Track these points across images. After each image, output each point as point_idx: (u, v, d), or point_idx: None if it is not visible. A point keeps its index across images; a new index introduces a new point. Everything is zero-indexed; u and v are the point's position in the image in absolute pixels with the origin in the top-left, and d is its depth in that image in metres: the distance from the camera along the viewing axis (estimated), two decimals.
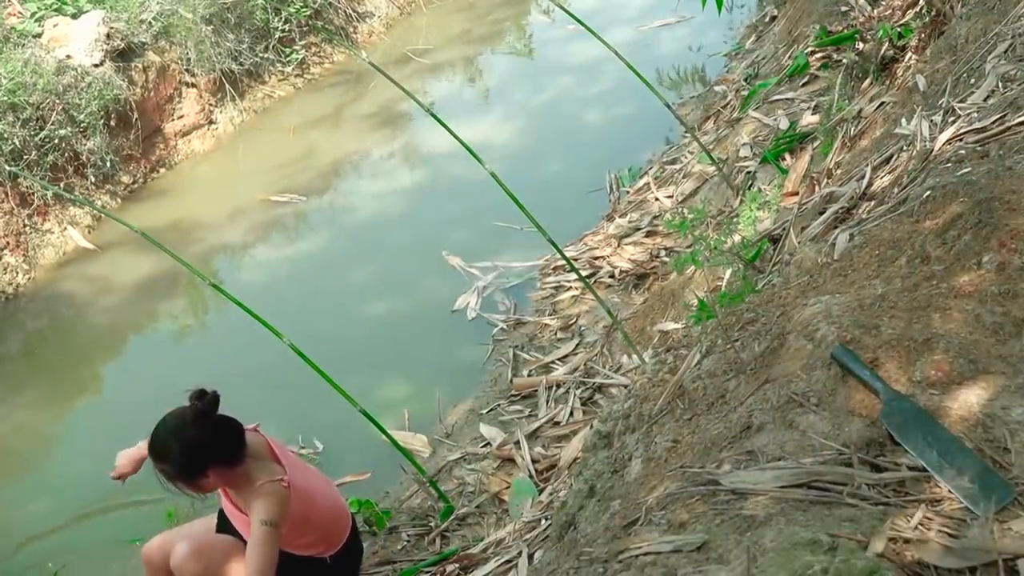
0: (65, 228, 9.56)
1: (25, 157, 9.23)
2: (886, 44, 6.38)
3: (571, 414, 6.07)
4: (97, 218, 9.75)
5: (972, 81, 4.61)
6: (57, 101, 9.60)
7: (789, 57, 8.53)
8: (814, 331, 2.96)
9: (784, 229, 5.39)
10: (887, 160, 4.81)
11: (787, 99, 7.85)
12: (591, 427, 4.62)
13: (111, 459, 4.57)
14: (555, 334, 7.13)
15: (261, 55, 12.18)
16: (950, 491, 2.29)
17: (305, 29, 12.86)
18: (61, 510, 6.20)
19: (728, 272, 5.49)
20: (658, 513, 2.60)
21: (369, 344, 7.54)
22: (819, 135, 6.50)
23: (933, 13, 5.82)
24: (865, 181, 4.77)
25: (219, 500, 4.44)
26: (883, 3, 7.07)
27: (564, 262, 6.73)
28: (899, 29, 6.28)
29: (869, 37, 6.75)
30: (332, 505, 4.52)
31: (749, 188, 6.94)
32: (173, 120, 11.19)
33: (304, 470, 4.45)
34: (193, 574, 4.34)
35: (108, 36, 10.21)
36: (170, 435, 4.07)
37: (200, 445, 4.05)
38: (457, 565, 4.74)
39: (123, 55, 10.55)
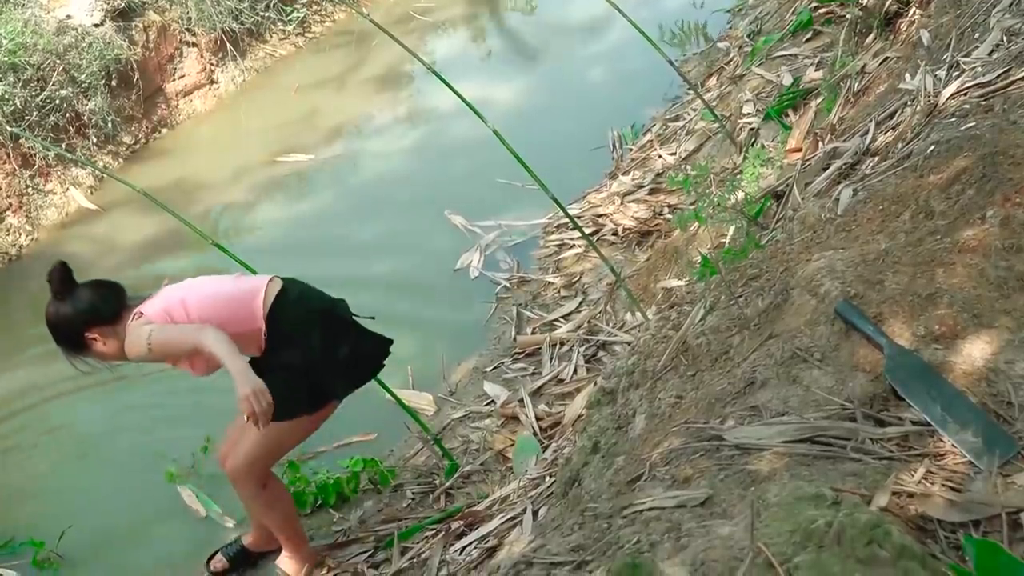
0: (67, 189, 9.55)
1: (26, 118, 9.21)
2: None
3: (575, 371, 6.07)
4: (99, 178, 9.73)
5: (976, 35, 4.58)
6: (58, 61, 9.57)
7: (792, 13, 8.49)
8: (818, 286, 2.95)
9: (787, 185, 5.38)
10: (891, 115, 4.79)
11: (790, 55, 7.81)
12: (595, 384, 4.63)
13: (115, 417, 4.63)
14: (558, 292, 7.12)
15: (262, 14, 12.12)
16: (953, 445, 2.29)
17: None
18: (67, 467, 6.22)
19: (731, 229, 5.48)
20: (662, 469, 2.61)
21: (372, 303, 7.50)
22: (823, 91, 6.47)
23: None
24: (869, 137, 4.75)
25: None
26: None
27: (567, 220, 6.72)
28: None
29: None
30: (220, 300, 4.43)
31: (752, 145, 6.91)
32: (174, 80, 11.15)
33: (182, 300, 4.36)
34: (239, 480, 4.66)
35: None
36: (47, 322, 4.39)
37: (61, 317, 4.33)
38: (462, 522, 4.76)
39: (123, 14, 10.51)
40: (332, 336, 4.57)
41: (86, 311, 4.31)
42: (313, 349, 4.47)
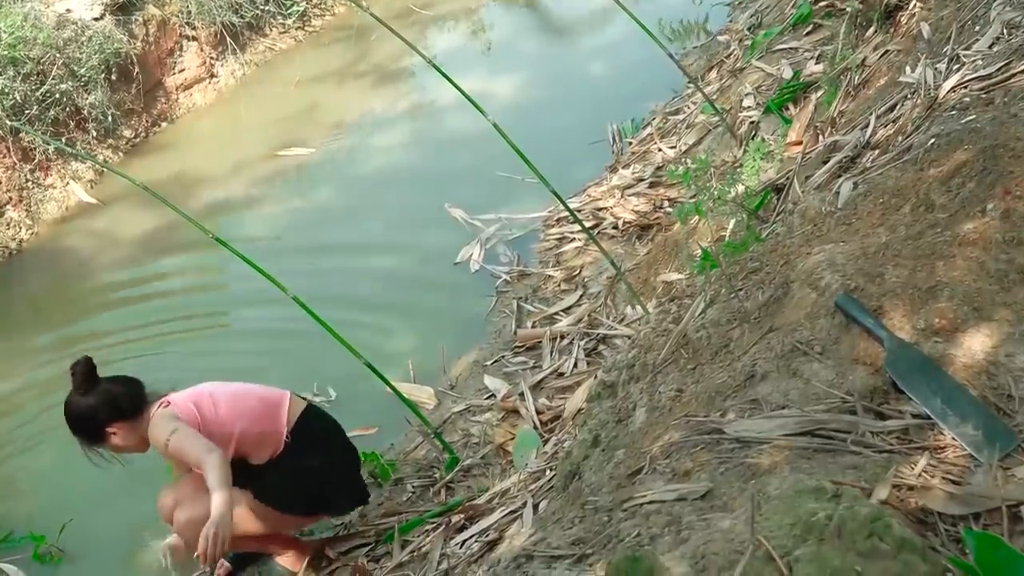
0: (67, 183, 9.55)
1: (26, 112, 9.21)
2: None
3: (575, 365, 6.07)
4: (99, 172, 9.74)
5: (977, 28, 4.58)
6: (57, 55, 9.57)
7: (792, 6, 8.48)
8: (818, 280, 2.95)
9: (788, 179, 5.38)
10: (891, 108, 4.79)
11: (791, 48, 7.81)
12: (595, 378, 4.63)
13: None
14: (559, 285, 7.12)
15: (262, 7, 12.12)
16: (954, 438, 2.29)
17: None
18: (67, 466, 6.22)
19: (732, 222, 5.47)
20: (662, 462, 2.61)
21: (373, 297, 7.54)
22: (823, 84, 6.47)
23: None
24: (869, 130, 4.75)
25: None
26: None
27: (567, 213, 6.71)
28: None
29: None
30: (250, 402, 4.67)
31: (753, 138, 6.91)
32: (174, 74, 11.15)
33: (211, 394, 4.61)
34: (180, 528, 4.67)
35: None
36: (66, 412, 4.53)
37: (85, 410, 4.47)
38: (462, 516, 4.76)
39: (123, 8, 10.51)
40: (348, 457, 4.96)
41: (110, 406, 4.47)
42: (332, 461, 4.80)
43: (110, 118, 10.01)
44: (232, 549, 4.99)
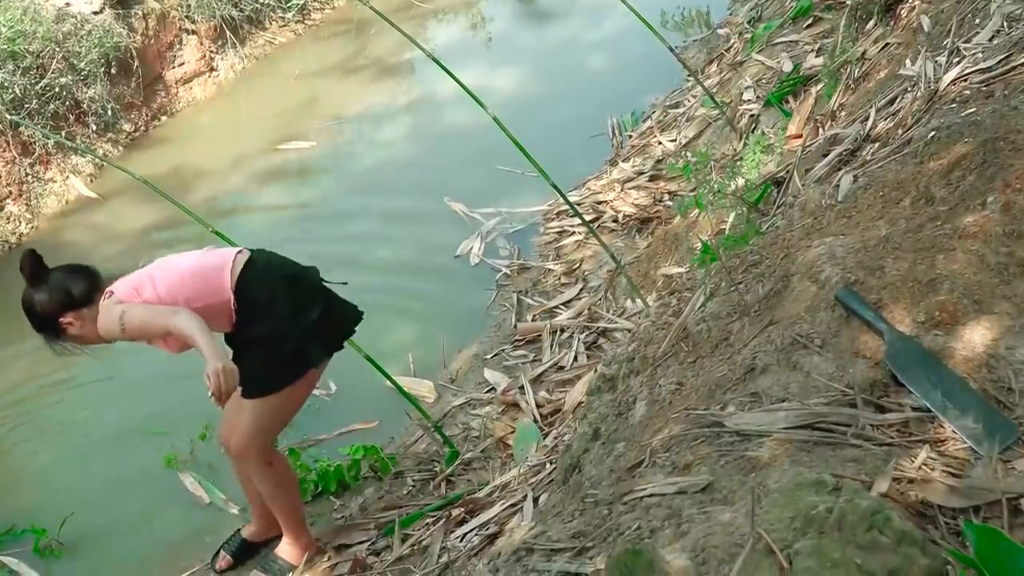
0: (67, 177, 9.54)
1: (26, 106, 9.20)
2: None
3: (575, 359, 6.07)
4: (99, 167, 9.73)
5: (977, 21, 4.58)
6: (57, 49, 9.56)
7: None
8: (818, 273, 2.95)
9: (788, 172, 5.38)
10: (891, 101, 4.79)
11: (791, 41, 7.81)
12: (595, 371, 4.63)
13: (115, 404, 4.66)
14: (559, 279, 7.12)
15: (261, 1, 12.10)
16: (954, 431, 2.29)
17: None
18: (68, 455, 6.23)
19: (732, 215, 5.47)
20: (663, 455, 2.61)
21: (373, 290, 7.52)
22: (823, 77, 6.46)
23: None
24: (869, 123, 4.75)
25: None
26: None
27: (567, 207, 6.72)
28: None
29: None
30: (186, 273, 4.45)
31: (753, 131, 6.91)
32: (174, 67, 11.14)
33: (150, 276, 4.43)
34: (244, 458, 4.71)
35: None
36: (23, 306, 4.48)
37: (36, 303, 4.41)
38: (463, 509, 4.76)
39: (122, 2, 10.50)
40: (300, 302, 4.56)
41: (59, 296, 4.37)
42: (282, 317, 4.46)
43: (110, 112, 10.00)
44: (276, 497, 4.85)
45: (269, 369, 4.46)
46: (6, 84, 9.02)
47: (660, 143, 8.29)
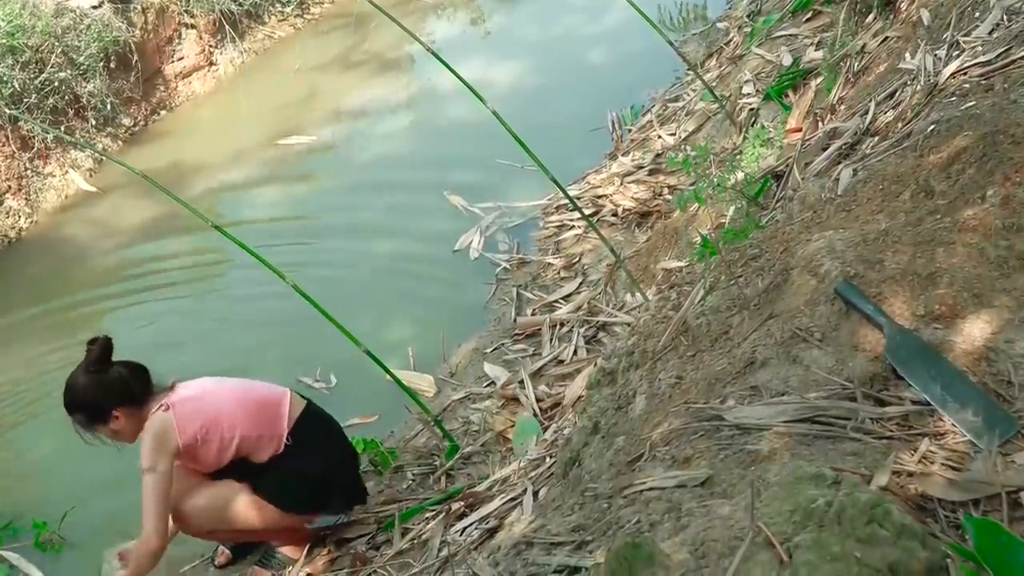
0: (67, 171, 9.54)
1: (25, 100, 9.20)
2: None
3: (575, 352, 6.07)
4: (98, 161, 9.73)
5: (977, 14, 4.57)
6: (56, 43, 9.55)
7: None
8: (818, 266, 2.95)
9: (787, 165, 5.37)
10: (891, 95, 4.79)
11: (790, 35, 7.79)
12: (595, 365, 4.63)
13: None
14: (558, 273, 7.12)
15: None
16: (954, 425, 2.29)
17: None
18: (66, 453, 6.22)
19: (731, 209, 5.47)
20: (662, 449, 2.61)
21: (373, 284, 7.55)
22: (823, 71, 6.45)
23: None
24: (869, 116, 4.74)
25: None
26: None
27: (567, 201, 6.71)
28: None
29: None
30: (249, 406, 4.66)
31: (752, 125, 6.91)
32: (173, 62, 11.14)
33: (211, 391, 4.66)
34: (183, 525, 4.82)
35: None
36: (72, 387, 4.49)
37: (96, 389, 4.44)
38: (462, 503, 4.76)
39: None
40: (345, 457, 4.97)
41: (122, 389, 4.46)
42: (331, 462, 4.81)
43: (109, 106, 10.00)
44: (232, 540, 5.05)
45: (296, 490, 4.74)
46: (5, 79, 9.02)
47: (660, 137, 8.29)
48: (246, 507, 4.66)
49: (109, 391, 4.43)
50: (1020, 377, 2.35)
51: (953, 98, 3.78)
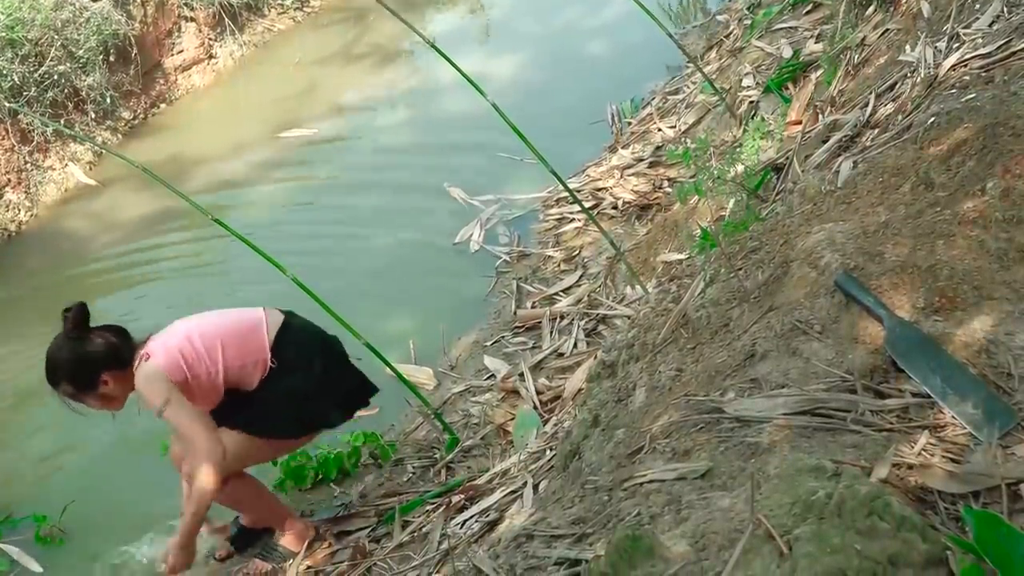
0: (66, 165, 9.54)
1: (24, 94, 9.20)
2: None
3: (575, 345, 6.07)
4: (98, 154, 9.73)
5: (977, 7, 4.56)
6: (56, 37, 9.55)
7: None
8: (818, 259, 2.95)
9: (787, 158, 5.38)
10: (891, 87, 4.78)
11: (790, 28, 7.79)
12: (595, 358, 4.63)
13: None
14: (558, 266, 7.12)
15: None
16: (954, 417, 2.29)
17: None
18: (68, 446, 6.23)
19: (731, 202, 5.47)
20: (662, 441, 2.61)
21: (373, 277, 7.54)
22: (823, 63, 6.45)
23: None
24: (869, 109, 4.74)
25: None
26: None
27: (567, 194, 6.71)
28: None
29: None
30: (227, 338, 4.52)
31: (752, 118, 6.90)
32: (173, 55, 11.14)
33: (185, 331, 4.49)
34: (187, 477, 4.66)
35: None
36: (53, 357, 4.36)
37: (83, 356, 4.33)
38: (463, 496, 4.76)
39: None
40: (332, 367, 4.75)
41: (107, 352, 4.36)
42: (315, 376, 4.61)
43: (108, 100, 10.00)
44: (241, 510, 5.03)
45: (285, 416, 4.61)
46: (4, 72, 9.02)
47: (659, 130, 8.29)
48: (243, 448, 4.54)
49: (95, 357, 4.33)
50: (1020, 369, 2.35)
51: (953, 90, 3.78)
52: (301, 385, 4.55)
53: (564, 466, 3.58)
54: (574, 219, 7.57)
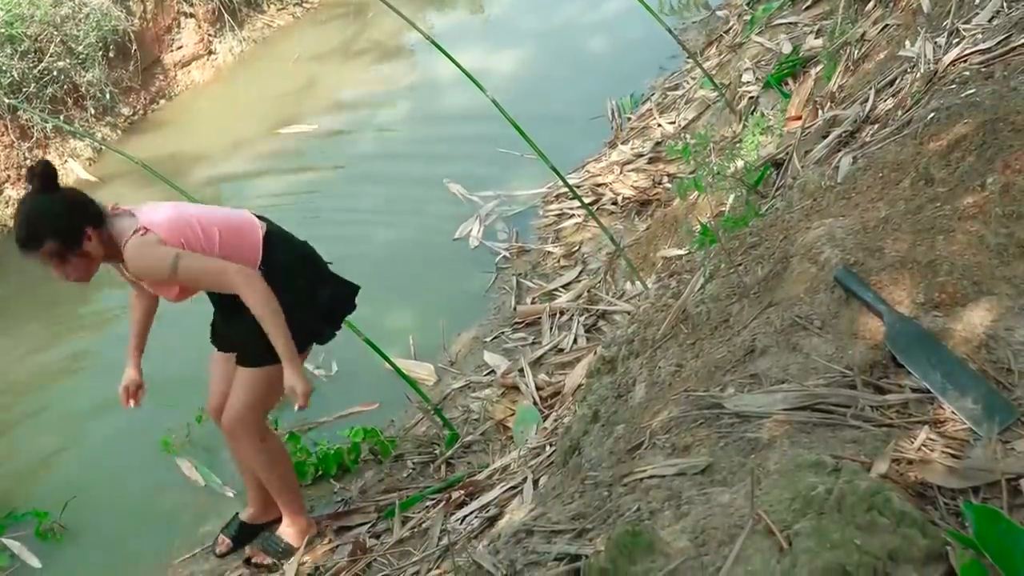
0: (66, 161, 9.54)
1: (24, 90, 9.20)
2: None
3: (575, 341, 6.08)
4: (98, 150, 9.73)
5: (977, 2, 4.56)
6: (55, 33, 9.55)
7: None
8: (818, 254, 2.95)
9: (787, 153, 5.37)
10: (891, 83, 4.79)
11: (790, 23, 7.79)
12: (595, 353, 4.63)
13: (114, 390, 4.65)
14: (558, 261, 7.13)
15: None
16: (953, 412, 2.29)
17: None
18: (66, 442, 6.23)
19: (731, 197, 5.47)
20: (662, 437, 2.61)
21: (372, 273, 7.50)
22: (822, 59, 6.45)
23: None
24: (869, 104, 4.74)
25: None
26: None
27: (567, 189, 6.71)
28: None
29: None
30: (229, 241, 4.37)
31: (752, 113, 6.90)
32: (172, 51, 11.13)
33: (176, 216, 4.29)
34: (238, 431, 4.61)
35: None
36: (33, 215, 4.11)
37: (68, 208, 4.10)
38: (463, 492, 4.77)
39: None
40: (315, 279, 4.65)
41: (86, 207, 4.15)
42: (301, 291, 4.47)
43: (108, 95, 9.99)
44: (273, 473, 4.83)
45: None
46: (4, 68, 9.02)
47: (659, 125, 8.29)
48: (253, 392, 4.52)
49: (78, 208, 4.11)
50: (1020, 365, 2.35)
51: (953, 86, 3.77)
52: (286, 304, 4.28)
53: (564, 462, 3.58)
54: (574, 215, 7.57)
